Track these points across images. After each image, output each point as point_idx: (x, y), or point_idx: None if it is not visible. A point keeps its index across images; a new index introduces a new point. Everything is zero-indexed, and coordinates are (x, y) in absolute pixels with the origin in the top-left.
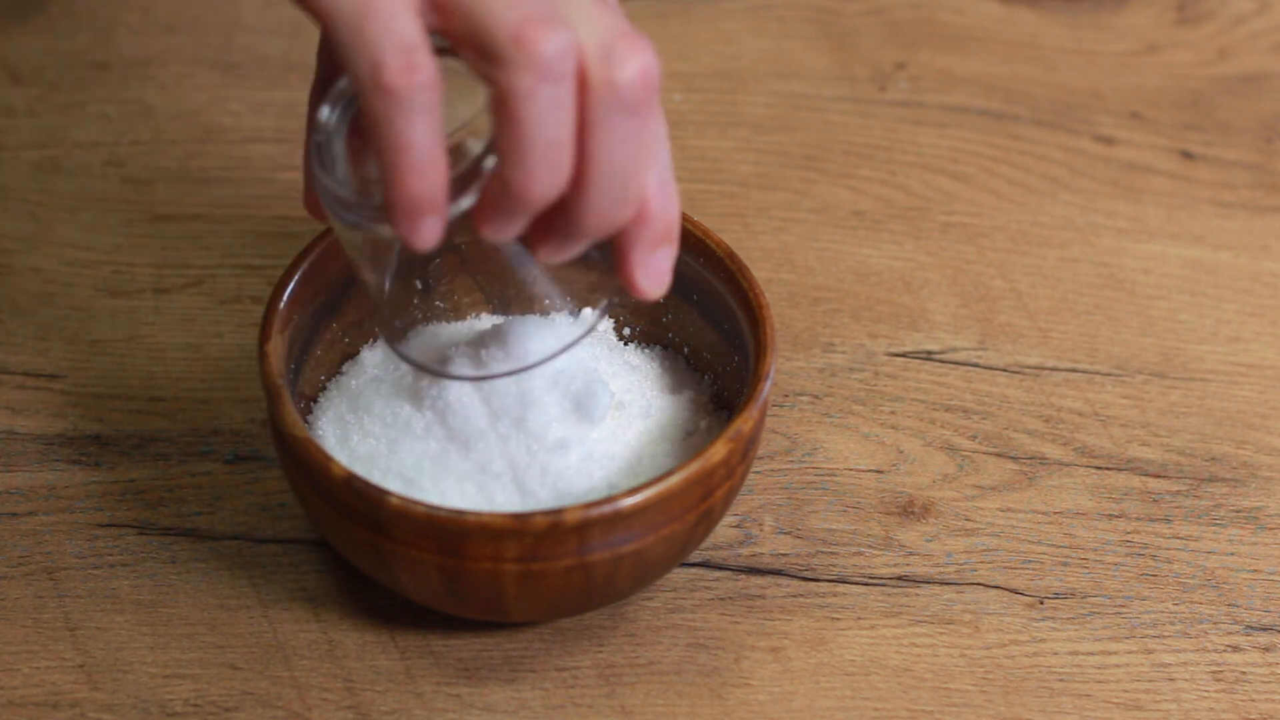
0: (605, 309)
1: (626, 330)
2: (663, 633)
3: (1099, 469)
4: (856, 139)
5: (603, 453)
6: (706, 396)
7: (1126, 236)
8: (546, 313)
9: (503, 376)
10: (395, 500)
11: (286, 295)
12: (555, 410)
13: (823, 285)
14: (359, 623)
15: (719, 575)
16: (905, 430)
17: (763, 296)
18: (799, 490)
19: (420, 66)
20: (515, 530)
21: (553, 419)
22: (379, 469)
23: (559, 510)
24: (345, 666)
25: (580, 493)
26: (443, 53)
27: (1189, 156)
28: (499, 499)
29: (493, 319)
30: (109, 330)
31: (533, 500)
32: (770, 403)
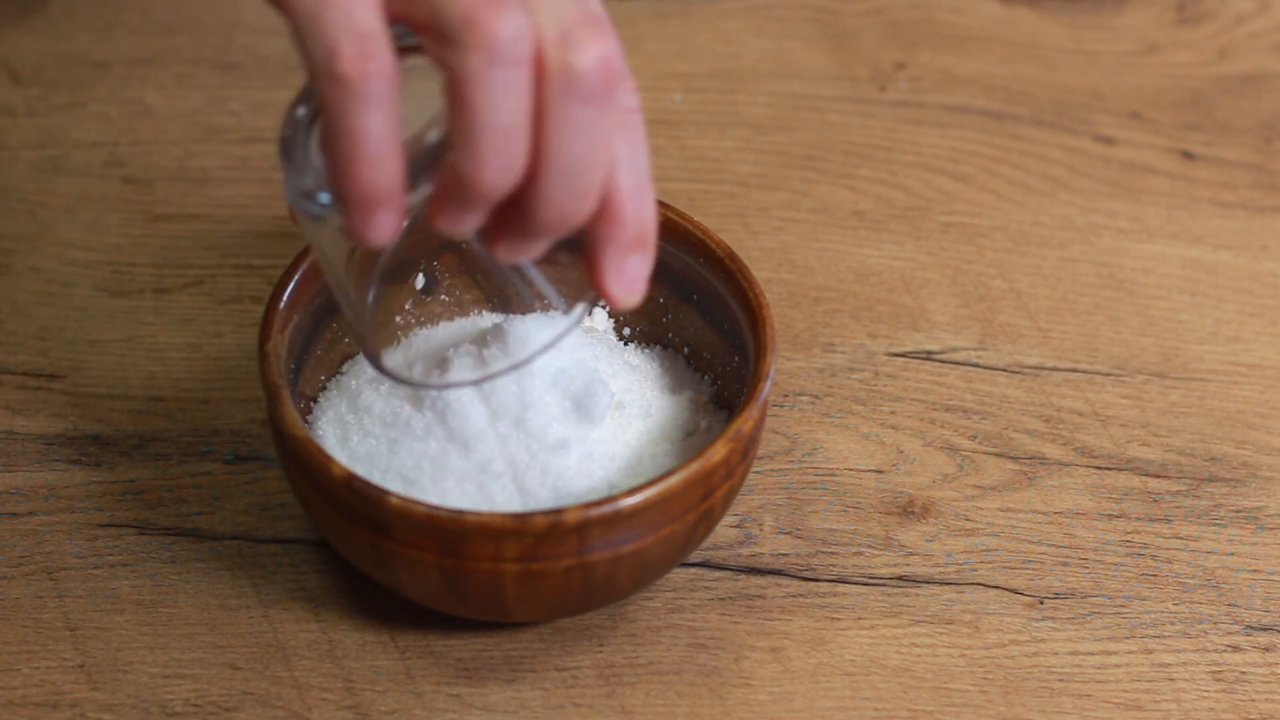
0: (592, 301)
1: (626, 330)
2: (663, 633)
3: (1099, 469)
4: (856, 139)
5: (603, 453)
6: (706, 396)
7: (1126, 236)
8: (546, 311)
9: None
10: (395, 500)
11: (286, 295)
12: (555, 410)
13: (823, 285)
14: (359, 623)
15: (719, 575)
16: (905, 430)
17: (763, 296)
18: (799, 490)
19: (375, 56)
20: (515, 530)
21: (553, 419)
22: (379, 469)
23: (559, 510)
24: (345, 666)
25: (580, 493)
26: (413, 50)
27: (1189, 156)
28: (499, 499)
29: (492, 318)
30: (109, 330)
31: (533, 500)
32: (770, 403)
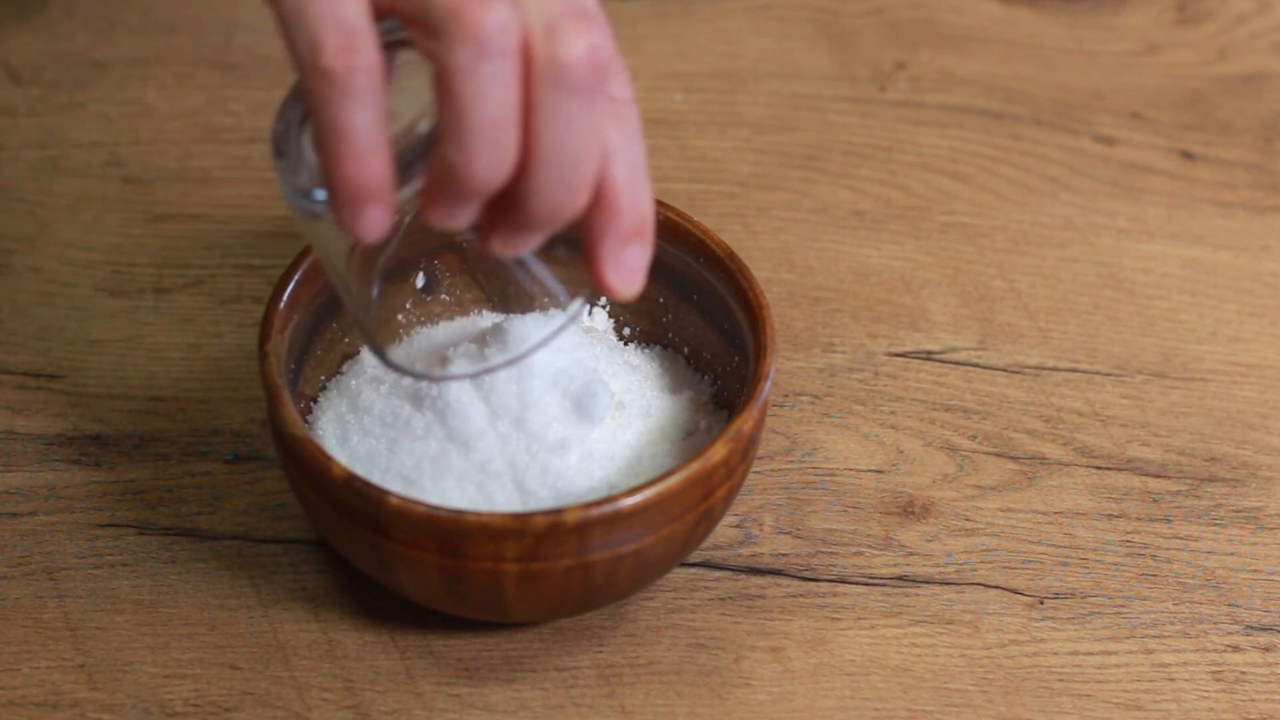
0: (593, 294)
1: (626, 330)
2: (663, 633)
3: (1099, 469)
4: (856, 139)
5: (603, 453)
6: (706, 396)
7: (1126, 236)
8: (546, 310)
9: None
10: (395, 500)
11: (286, 295)
12: (555, 410)
13: (823, 285)
14: (359, 623)
15: (719, 575)
16: (905, 430)
17: (763, 296)
18: (799, 490)
19: (360, 50)
20: (515, 530)
21: (553, 419)
22: (379, 469)
23: (559, 510)
24: (345, 666)
25: (580, 493)
26: (403, 44)
27: (1189, 156)
28: (499, 499)
29: (493, 317)
30: (109, 330)
31: (533, 500)
32: (770, 403)
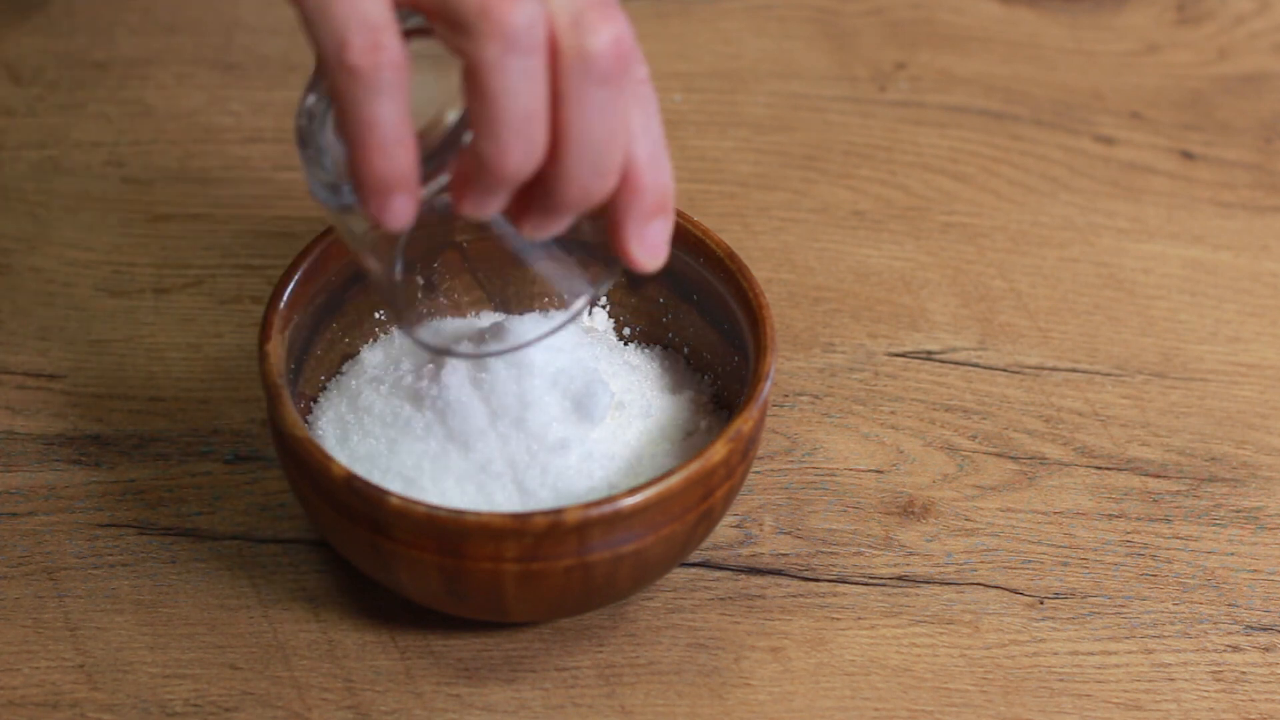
0: (599, 291)
1: (626, 330)
2: (663, 633)
3: (1099, 469)
4: (856, 139)
5: (603, 453)
6: (706, 396)
7: (1126, 236)
8: (547, 310)
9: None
10: (395, 500)
11: (286, 295)
12: (555, 410)
13: (823, 285)
14: (359, 623)
15: (719, 575)
16: (905, 430)
17: (763, 296)
18: (799, 490)
19: (385, 46)
20: (515, 530)
21: (553, 419)
22: (379, 469)
23: (559, 510)
24: (345, 666)
25: (580, 493)
26: (424, 34)
27: (1189, 156)
28: (499, 499)
29: (493, 316)
30: (109, 330)
31: (533, 500)
32: (770, 403)
